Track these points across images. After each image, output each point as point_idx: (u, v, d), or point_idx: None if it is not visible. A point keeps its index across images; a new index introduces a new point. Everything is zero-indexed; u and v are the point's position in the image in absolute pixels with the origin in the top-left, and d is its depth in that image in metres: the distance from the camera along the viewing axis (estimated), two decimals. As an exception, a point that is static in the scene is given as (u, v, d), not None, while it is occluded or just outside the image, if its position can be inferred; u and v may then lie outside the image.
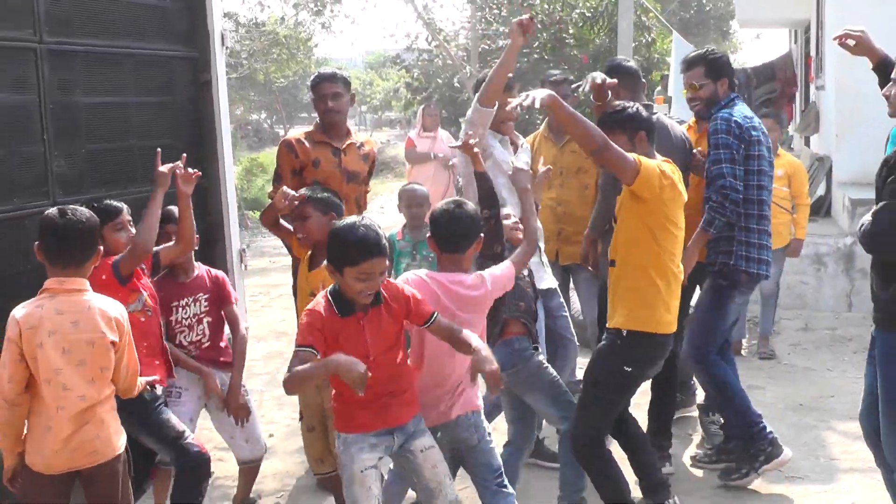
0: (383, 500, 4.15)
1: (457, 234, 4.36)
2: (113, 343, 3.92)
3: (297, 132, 6.14)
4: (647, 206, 4.67)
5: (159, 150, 4.89)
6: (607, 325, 4.91)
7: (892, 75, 4.45)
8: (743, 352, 8.44)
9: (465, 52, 25.31)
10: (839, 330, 9.00)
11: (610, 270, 4.89)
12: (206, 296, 5.20)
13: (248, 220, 18.00)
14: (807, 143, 14.62)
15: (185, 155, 4.91)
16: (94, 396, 3.91)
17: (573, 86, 6.88)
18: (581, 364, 8.06)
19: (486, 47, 20.76)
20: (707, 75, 5.67)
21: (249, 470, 5.37)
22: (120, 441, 4.05)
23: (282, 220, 5.18)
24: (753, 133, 5.51)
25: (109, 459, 3.98)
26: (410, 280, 4.26)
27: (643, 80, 6.25)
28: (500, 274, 4.46)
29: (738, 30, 36.86)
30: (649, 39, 18.89)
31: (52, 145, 5.30)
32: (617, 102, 5.06)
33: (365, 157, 6.14)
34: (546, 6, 19.23)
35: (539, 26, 17.91)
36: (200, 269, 5.25)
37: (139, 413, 4.50)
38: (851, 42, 5.06)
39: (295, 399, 6.50)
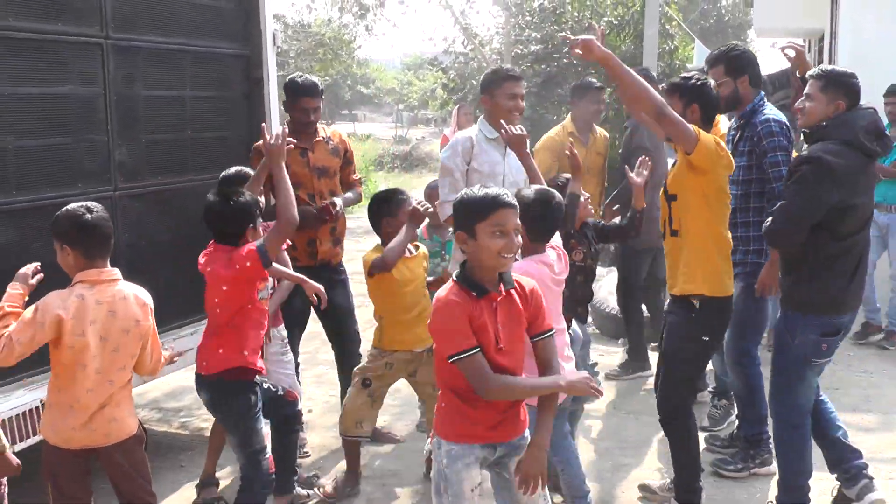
0: None
1: (554, 224, 4.43)
2: (146, 328, 3.98)
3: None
4: (705, 177, 4.63)
5: (264, 124, 4.90)
6: (671, 293, 4.88)
7: (806, 90, 4.74)
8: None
9: (498, 56, 25.29)
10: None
11: (672, 241, 4.83)
12: None
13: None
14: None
15: (285, 128, 4.84)
16: (121, 381, 3.95)
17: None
18: (602, 350, 8.10)
19: (519, 51, 20.67)
20: (727, 73, 5.54)
21: None
22: (133, 422, 4.05)
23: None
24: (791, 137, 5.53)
25: (123, 439, 3.99)
26: (531, 272, 4.05)
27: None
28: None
29: (755, 39, 36.52)
30: (672, 47, 18.76)
31: (115, 135, 5.35)
32: (685, 73, 4.99)
33: (335, 151, 6.09)
34: (576, 14, 19.16)
35: (568, 32, 17.84)
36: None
37: (238, 412, 4.48)
38: (791, 53, 5.33)
39: (333, 377, 6.55)
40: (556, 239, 4.59)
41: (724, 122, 5.99)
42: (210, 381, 4.47)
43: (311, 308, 5.60)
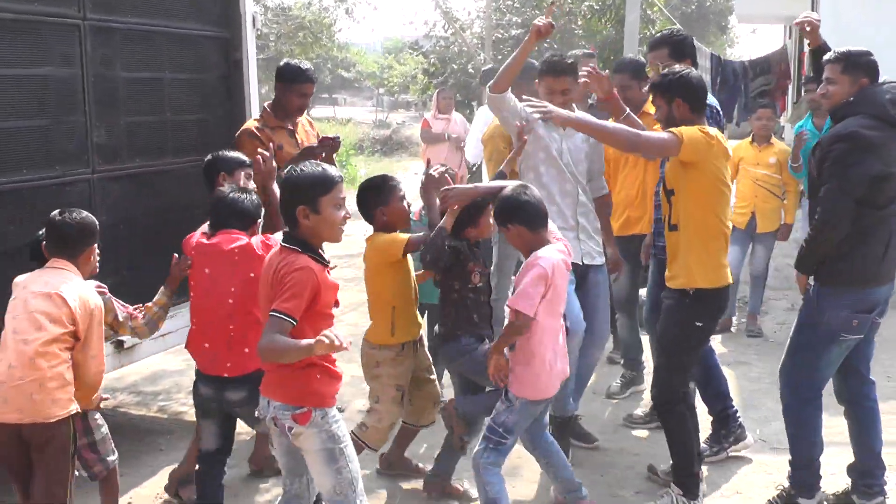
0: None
1: (542, 215, 4.47)
2: (70, 310, 3.95)
3: (249, 122, 6.00)
4: (697, 170, 4.67)
5: (263, 151, 4.90)
6: (668, 286, 4.90)
7: (826, 74, 4.71)
8: (732, 329, 8.45)
9: (479, 40, 25.24)
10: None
11: (672, 235, 4.87)
12: None
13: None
14: (798, 133, 14.54)
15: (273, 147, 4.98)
16: (37, 347, 3.85)
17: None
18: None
19: (500, 36, 20.69)
20: (671, 56, 5.65)
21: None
22: (51, 410, 3.89)
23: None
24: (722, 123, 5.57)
25: (41, 422, 3.88)
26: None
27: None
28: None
29: (735, 24, 36.75)
30: (654, 32, 18.81)
31: (93, 117, 5.31)
32: (667, 69, 5.02)
33: (310, 132, 6.25)
34: (557, -2, 19.18)
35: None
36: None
37: None
38: (808, 28, 5.22)
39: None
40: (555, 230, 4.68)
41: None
42: (247, 377, 4.31)
43: None
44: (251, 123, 5.93)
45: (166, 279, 4.56)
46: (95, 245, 4.24)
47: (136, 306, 4.56)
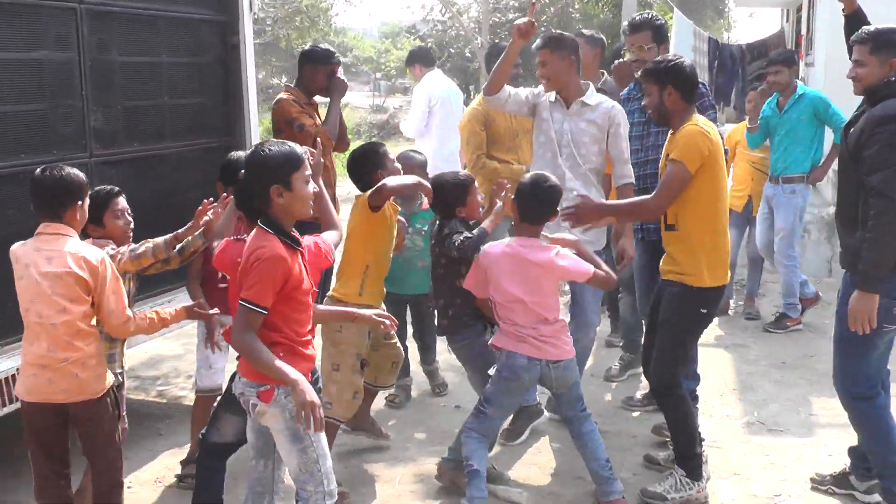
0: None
1: (543, 206, 4.64)
2: (83, 280, 3.89)
3: (282, 94, 6.29)
4: (702, 176, 4.64)
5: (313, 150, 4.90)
6: (673, 279, 4.85)
7: (854, 56, 4.51)
8: (730, 312, 8.45)
9: (476, 25, 25.20)
10: (821, 293, 9.00)
11: (668, 235, 4.84)
12: None
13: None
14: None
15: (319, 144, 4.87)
16: (68, 329, 3.88)
17: None
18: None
19: (497, 20, 20.63)
20: (654, 39, 5.74)
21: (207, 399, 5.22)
22: (98, 386, 3.99)
23: None
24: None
25: (90, 399, 3.96)
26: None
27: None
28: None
29: (733, 8, 36.61)
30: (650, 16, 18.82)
31: (90, 101, 5.29)
32: (661, 56, 5.04)
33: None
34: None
35: (547, 1, 17.78)
36: None
37: None
38: None
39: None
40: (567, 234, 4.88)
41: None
42: None
43: None
44: (285, 95, 6.19)
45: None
46: (82, 202, 4.04)
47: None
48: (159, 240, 4.47)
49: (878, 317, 4.36)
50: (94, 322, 3.98)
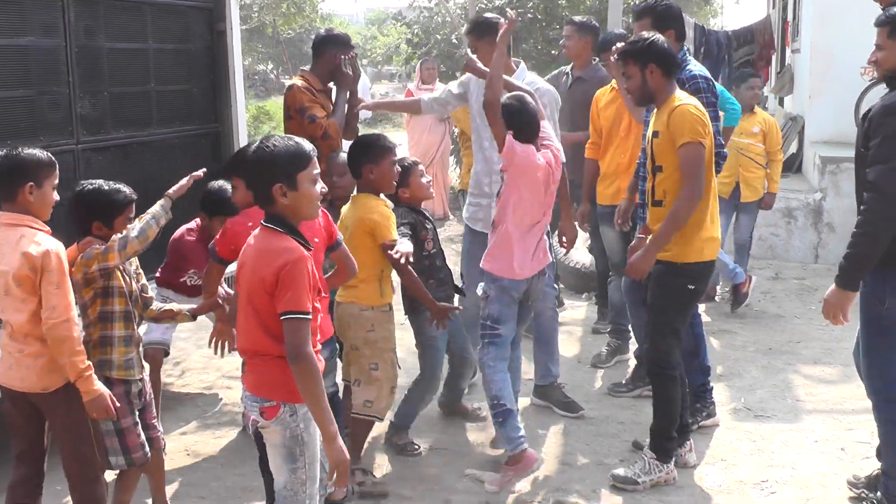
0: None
1: (533, 123, 4.75)
2: (29, 279, 3.77)
3: (294, 80, 5.90)
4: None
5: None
6: (658, 257, 4.79)
7: (875, 41, 4.35)
8: (716, 298, 8.48)
9: (462, 11, 25.10)
10: (807, 280, 9.03)
11: (654, 211, 4.83)
12: None
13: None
14: (781, 103, 14.55)
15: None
16: (21, 327, 3.83)
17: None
18: (567, 305, 8.12)
19: (483, 6, 20.55)
20: (654, 26, 5.37)
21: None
22: (47, 382, 3.90)
23: None
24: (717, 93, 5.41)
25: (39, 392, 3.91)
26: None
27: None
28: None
29: (720, -5, 36.60)
30: (637, 2, 18.77)
31: (77, 87, 5.28)
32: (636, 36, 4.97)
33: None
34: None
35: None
36: None
37: None
38: None
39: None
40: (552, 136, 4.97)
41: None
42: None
43: None
44: (298, 81, 5.77)
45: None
46: (36, 183, 3.83)
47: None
48: (156, 208, 4.29)
49: None
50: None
